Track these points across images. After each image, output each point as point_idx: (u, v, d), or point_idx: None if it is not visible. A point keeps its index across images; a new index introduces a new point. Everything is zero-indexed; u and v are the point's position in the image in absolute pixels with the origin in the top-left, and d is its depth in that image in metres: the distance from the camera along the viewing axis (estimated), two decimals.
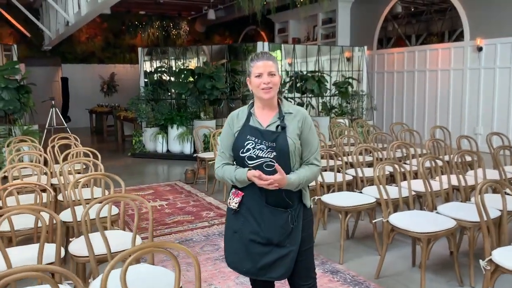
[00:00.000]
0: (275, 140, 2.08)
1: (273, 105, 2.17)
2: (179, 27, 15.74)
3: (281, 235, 2.10)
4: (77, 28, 9.86)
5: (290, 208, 2.12)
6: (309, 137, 2.17)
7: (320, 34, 11.99)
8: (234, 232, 2.19)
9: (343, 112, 9.19)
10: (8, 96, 7.15)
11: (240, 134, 2.14)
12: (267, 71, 2.09)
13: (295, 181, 2.06)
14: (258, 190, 2.10)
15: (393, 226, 3.24)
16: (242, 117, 2.19)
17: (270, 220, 2.10)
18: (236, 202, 2.15)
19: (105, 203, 2.46)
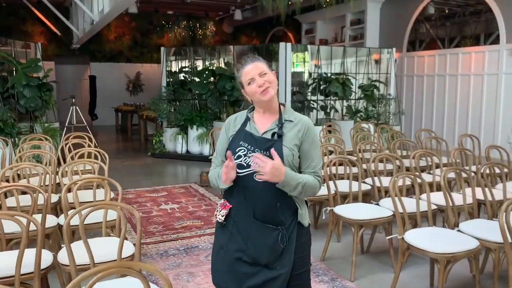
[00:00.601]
0: (268, 148, 1.87)
1: (274, 109, 1.98)
2: (205, 27, 15.69)
3: (269, 256, 1.89)
4: (101, 27, 9.90)
5: (281, 226, 1.89)
6: (310, 150, 1.95)
7: (348, 35, 11.65)
8: (220, 248, 1.99)
9: (369, 117, 8.85)
10: (29, 93, 7.19)
11: (234, 140, 1.97)
12: (258, 73, 1.90)
13: (294, 178, 1.82)
14: (245, 201, 1.90)
15: (409, 244, 2.97)
16: (239, 122, 2.02)
17: (257, 238, 1.89)
18: (222, 214, 1.94)
19: (91, 210, 2.29)
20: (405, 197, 3.94)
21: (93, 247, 2.66)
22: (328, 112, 8.82)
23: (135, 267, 1.57)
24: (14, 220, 2.11)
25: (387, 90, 9.44)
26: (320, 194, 4.08)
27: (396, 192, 3.14)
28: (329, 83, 8.50)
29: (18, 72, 7.15)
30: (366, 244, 4.04)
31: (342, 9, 10.99)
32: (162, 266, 3.68)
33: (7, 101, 7.24)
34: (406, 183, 4.00)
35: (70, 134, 5.85)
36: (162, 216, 5.05)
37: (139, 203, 5.59)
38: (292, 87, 8.57)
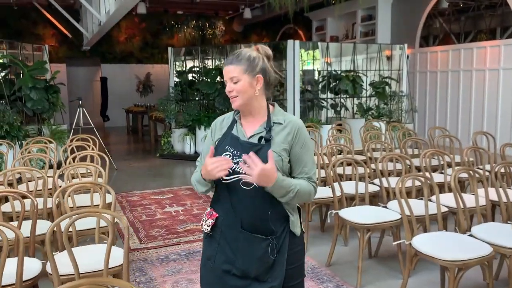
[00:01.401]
0: (256, 153, 1.69)
1: (257, 113, 1.82)
2: (214, 26, 15.59)
3: (259, 268, 1.75)
4: (109, 28, 9.87)
5: (271, 236, 1.75)
6: (302, 154, 1.79)
7: (359, 31, 11.43)
8: (208, 259, 1.86)
9: (380, 114, 8.63)
10: (36, 95, 7.17)
11: (219, 144, 1.82)
12: (229, 78, 1.76)
13: (284, 186, 1.68)
14: (232, 210, 1.76)
15: (417, 250, 2.80)
16: (226, 124, 1.87)
17: (246, 249, 1.75)
18: (208, 224, 1.81)
19: (75, 219, 2.18)
20: (414, 199, 3.76)
21: (83, 255, 2.57)
22: (338, 111, 8.63)
23: (107, 283, 1.44)
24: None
25: (399, 87, 9.21)
26: (326, 196, 3.94)
27: (403, 194, 2.97)
28: (339, 81, 8.31)
29: (25, 75, 7.14)
30: (374, 248, 3.87)
31: (353, 6, 10.77)
32: (162, 272, 3.56)
33: (14, 104, 7.23)
34: (416, 184, 3.82)
35: (75, 136, 5.78)
36: (165, 219, 4.95)
37: (144, 206, 5.50)
38: (302, 85, 8.42)
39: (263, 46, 1.86)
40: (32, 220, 2.66)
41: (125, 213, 5.20)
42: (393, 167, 4.60)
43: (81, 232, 3.04)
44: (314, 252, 3.93)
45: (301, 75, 8.58)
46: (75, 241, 2.79)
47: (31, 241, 2.63)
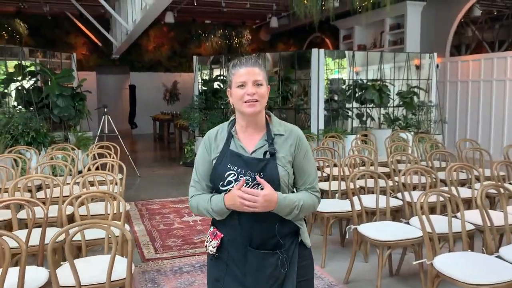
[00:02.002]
0: (262, 170, 1.66)
1: (260, 123, 1.75)
2: (241, 35, 15.64)
3: (271, 286, 1.68)
4: (136, 36, 10.01)
5: (280, 249, 1.68)
6: (304, 164, 1.75)
7: (388, 40, 11.19)
8: (216, 281, 1.77)
9: (408, 125, 8.37)
10: (63, 103, 7.29)
11: (219, 162, 1.72)
12: (252, 80, 1.67)
13: (288, 200, 1.64)
14: (239, 228, 1.68)
15: (438, 271, 2.62)
16: (221, 139, 1.76)
17: (255, 267, 1.68)
18: (214, 246, 1.73)
19: (79, 230, 2.13)
20: (439, 215, 3.57)
21: (91, 265, 2.53)
22: (364, 121, 8.43)
23: None
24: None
25: (428, 97, 8.93)
26: (346, 210, 3.79)
27: (425, 210, 2.80)
28: (365, 90, 8.13)
29: (52, 82, 7.28)
30: (396, 265, 3.69)
31: (381, 14, 10.56)
32: (174, 284, 3.49)
33: (41, 111, 7.38)
34: (441, 200, 3.63)
35: (97, 144, 5.83)
36: (183, 229, 4.89)
37: (162, 214, 5.47)
38: (328, 94, 8.29)
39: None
40: (42, 228, 2.64)
41: (143, 222, 5.18)
42: (418, 180, 4.40)
43: (92, 242, 3.00)
44: (332, 268, 3.78)
45: (327, 84, 8.44)
46: (84, 251, 2.75)
47: (40, 250, 2.60)
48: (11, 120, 6.40)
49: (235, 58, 1.78)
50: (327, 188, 4.39)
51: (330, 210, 3.84)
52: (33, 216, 2.66)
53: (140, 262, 3.96)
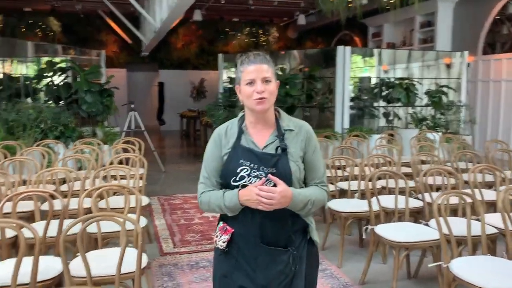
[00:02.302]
0: (275, 165, 1.67)
1: (269, 120, 1.75)
2: (268, 33, 15.61)
3: (280, 283, 1.69)
4: (163, 34, 10.14)
5: (291, 247, 1.70)
6: (314, 159, 1.77)
7: (417, 38, 10.95)
8: (224, 276, 1.77)
9: (436, 125, 8.16)
10: (91, 98, 7.46)
11: (231, 158, 1.72)
12: (261, 77, 1.67)
13: (302, 196, 1.66)
14: (250, 224, 1.68)
15: (455, 275, 2.55)
16: (232, 135, 1.76)
17: (266, 264, 1.69)
18: (224, 240, 1.73)
19: (90, 222, 2.17)
20: (461, 217, 3.47)
21: (105, 258, 2.57)
22: (390, 120, 8.28)
23: None
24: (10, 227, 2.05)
25: (459, 97, 8.68)
26: (364, 210, 3.73)
27: (442, 211, 2.72)
28: (392, 89, 7.97)
29: (81, 78, 7.46)
30: (414, 268, 3.61)
31: (411, 11, 10.32)
32: (189, 278, 3.53)
33: (70, 106, 7.58)
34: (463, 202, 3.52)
35: (121, 139, 5.94)
36: (202, 224, 4.93)
37: (183, 209, 5.53)
38: (357, 93, 8.19)
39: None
40: (60, 219, 2.71)
41: (164, 216, 5.25)
42: (441, 181, 4.29)
43: (109, 234, 3.06)
44: (349, 268, 3.74)
45: (354, 82, 8.33)
46: (100, 243, 2.81)
47: (57, 241, 2.68)
48: (40, 115, 6.60)
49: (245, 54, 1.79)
50: (347, 187, 4.33)
51: (347, 210, 3.79)
52: (51, 208, 2.73)
53: (158, 256, 4.02)
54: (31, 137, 6.41)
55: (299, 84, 7.77)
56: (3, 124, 6.44)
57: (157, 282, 3.47)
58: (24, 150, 5.03)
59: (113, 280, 2.21)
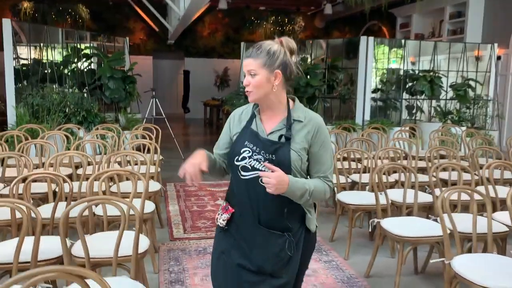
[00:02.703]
0: (274, 152, 1.71)
1: (276, 108, 1.79)
2: (294, 22, 15.46)
3: (275, 264, 1.75)
4: (188, 22, 10.20)
5: (288, 232, 1.75)
6: (320, 153, 1.77)
7: (447, 29, 10.63)
8: (222, 253, 1.84)
9: (461, 119, 7.94)
10: (113, 85, 7.60)
11: (239, 138, 1.80)
12: (247, 70, 1.73)
13: (299, 188, 1.66)
14: (249, 206, 1.75)
15: (456, 272, 2.50)
16: (244, 118, 1.85)
17: (262, 245, 1.75)
18: (224, 219, 1.81)
19: (88, 206, 2.24)
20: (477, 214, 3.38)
21: (108, 240, 2.64)
22: (412, 113, 8.10)
23: (76, 272, 1.44)
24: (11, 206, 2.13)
25: (487, 91, 8.41)
26: (372, 203, 3.69)
27: (446, 207, 2.67)
28: (415, 81, 7.80)
29: (104, 65, 7.61)
30: (421, 264, 3.55)
31: (441, 2, 10.05)
32: (195, 264, 3.59)
33: (93, 92, 7.75)
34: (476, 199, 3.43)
35: (139, 125, 6.04)
36: (214, 211, 4.99)
37: (198, 196, 5.60)
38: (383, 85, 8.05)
39: (288, 39, 1.80)
40: (67, 202, 2.79)
41: (178, 202, 5.33)
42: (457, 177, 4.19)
43: (114, 218, 3.12)
44: (355, 261, 3.72)
45: (378, 73, 8.18)
46: (106, 226, 2.89)
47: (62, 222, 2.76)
48: (64, 100, 6.77)
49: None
50: (358, 180, 4.29)
51: (356, 202, 3.76)
52: (60, 189, 2.82)
53: (168, 241, 4.10)
54: (55, 121, 6.61)
55: (320, 74, 7.70)
56: (29, 108, 6.65)
57: (163, 266, 3.54)
58: (45, 134, 5.20)
59: (110, 262, 2.27)
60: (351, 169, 4.74)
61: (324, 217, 4.87)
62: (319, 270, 3.51)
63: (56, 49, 7.95)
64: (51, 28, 8.25)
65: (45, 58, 7.54)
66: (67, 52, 8.02)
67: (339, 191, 4.11)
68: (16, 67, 6.92)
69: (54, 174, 2.91)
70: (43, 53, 7.62)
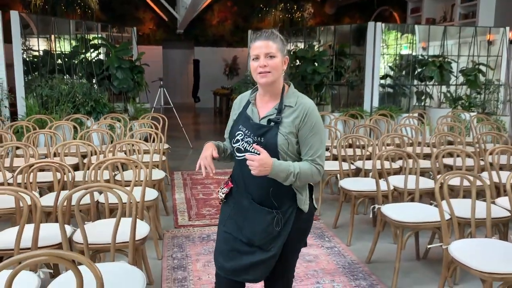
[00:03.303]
0: (262, 135, 1.84)
1: (276, 93, 1.89)
2: (303, 9, 15.31)
3: (263, 238, 1.89)
4: (196, 10, 10.19)
5: (276, 210, 1.88)
6: (309, 137, 1.85)
7: (458, 13, 10.45)
8: (220, 223, 2.04)
9: (471, 105, 7.84)
10: (121, 75, 7.65)
11: (236, 122, 1.96)
12: (264, 53, 1.80)
13: (283, 170, 1.76)
14: (243, 183, 1.91)
15: (453, 257, 2.50)
16: (243, 103, 1.99)
17: (253, 219, 1.90)
18: (223, 192, 2.00)
19: (86, 193, 2.28)
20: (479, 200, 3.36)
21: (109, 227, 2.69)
22: (422, 99, 8.01)
23: (67, 257, 1.48)
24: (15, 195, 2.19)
25: (499, 75, 8.26)
26: (374, 189, 3.69)
27: (444, 192, 2.66)
28: (424, 66, 7.70)
29: (112, 55, 7.66)
30: (423, 250, 3.55)
31: None
32: (198, 250, 3.64)
33: (102, 82, 7.82)
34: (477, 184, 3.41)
35: (146, 115, 6.09)
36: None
37: (204, 185, 5.65)
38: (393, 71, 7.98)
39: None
40: (68, 190, 2.85)
41: (185, 190, 5.39)
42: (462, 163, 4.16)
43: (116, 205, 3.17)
44: (358, 247, 3.73)
45: (386, 59, 8.10)
46: (108, 213, 2.94)
47: (67, 210, 2.83)
48: (72, 90, 6.85)
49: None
50: (362, 166, 4.29)
51: (358, 189, 3.76)
52: (62, 178, 2.88)
53: (172, 228, 4.16)
54: (64, 111, 6.70)
55: (327, 61, 7.65)
56: (38, 99, 6.75)
57: (167, 252, 3.60)
58: (53, 124, 5.28)
59: (108, 248, 2.32)
60: (355, 156, 4.73)
61: (328, 204, 4.88)
62: (320, 256, 3.53)
63: (65, 40, 8.02)
64: (60, 20, 8.32)
65: (54, 50, 7.62)
66: (76, 43, 8.09)
67: (342, 178, 4.11)
68: (26, 59, 7.02)
69: (58, 163, 2.97)
70: (53, 45, 7.70)
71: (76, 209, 2.20)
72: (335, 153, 4.92)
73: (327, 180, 4.73)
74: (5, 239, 2.51)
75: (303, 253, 3.56)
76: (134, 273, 2.15)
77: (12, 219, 3.70)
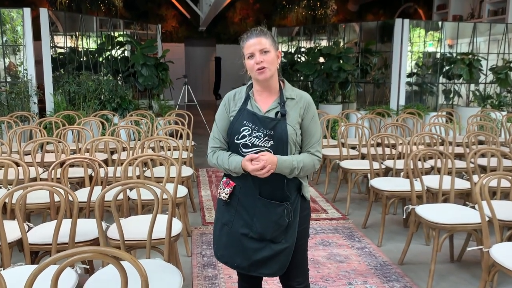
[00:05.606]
0: (273, 128, 1.87)
1: (273, 88, 1.95)
2: (326, 6, 15.16)
3: (275, 231, 1.90)
4: (219, 8, 10.17)
5: (286, 201, 1.90)
6: (311, 126, 1.95)
7: (487, 10, 10.19)
8: (224, 224, 1.99)
9: (501, 104, 7.64)
10: (147, 72, 7.70)
11: (236, 119, 1.94)
12: (259, 49, 1.87)
13: (287, 163, 1.84)
14: (251, 180, 1.89)
15: (495, 261, 2.42)
16: (239, 99, 1.99)
17: (263, 214, 1.89)
18: (226, 193, 1.95)
19: (122, 189, 2.28)
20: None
21: (143, 223, 2.70)
22: (450, 97, 7.84)
23: (112, 253, 1.47)
24: (49, 189, 2.20)
25: None
26: (408, 190, 3.61)
27: (485, 193, 2.57)
28: (453, 64, 7.53)
29: (137, 52, 7.71)
30: (457, 252, 3.46)
31: None
32: None
33: (127, 79, 7.88)
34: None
35: (172, 112, 6.10)
36: None
37: None
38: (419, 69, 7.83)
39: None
40: (102, 186, 2.86)
41: (210, 187, 5.39)
42: (497, 163, 4.04)
43: (149, 202, 3.18)
44: (389, 248, 3.66)
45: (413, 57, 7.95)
46: (140, 209, 2.94)
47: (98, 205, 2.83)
48: (99, 87, 6.92)
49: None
50: (392, 166, 4.21)
51: (390, 189, 3.69)
52: (96, 174, 2.89)
53: (200, 225, 4.15)
54: (91, 108, 6.77)
55: (353, 59, 7.55)
56: (66, 96, 6.84)
57: (196, 249, 3.59)
58: (82, 120, 5.33)
59: (144, 244, 2.32)
60: (384, 155, 4.65)
61: (356, 204, 4.81)
62: (351, 256, 3.48)
63: (90, 38, 8.11)
64: (86, 17, 8.41)
65: (80, 47, 7.71)
66: (101, 40, 8.17)
67: (373, 178, 4.04)
68: (53, 56, 7.11)
69: (90, 159, 2.98)
70: (79, 42, 7.79)
71: (113, 205, 2.20)
72: (364, 152, 4.85)
73: (355, 179, 4.66)
74: (41, 233, 2.53)
75: (333, 253, 3.51)
76: (171, 270, 2.14)
77: (44, 214, 3.76)
